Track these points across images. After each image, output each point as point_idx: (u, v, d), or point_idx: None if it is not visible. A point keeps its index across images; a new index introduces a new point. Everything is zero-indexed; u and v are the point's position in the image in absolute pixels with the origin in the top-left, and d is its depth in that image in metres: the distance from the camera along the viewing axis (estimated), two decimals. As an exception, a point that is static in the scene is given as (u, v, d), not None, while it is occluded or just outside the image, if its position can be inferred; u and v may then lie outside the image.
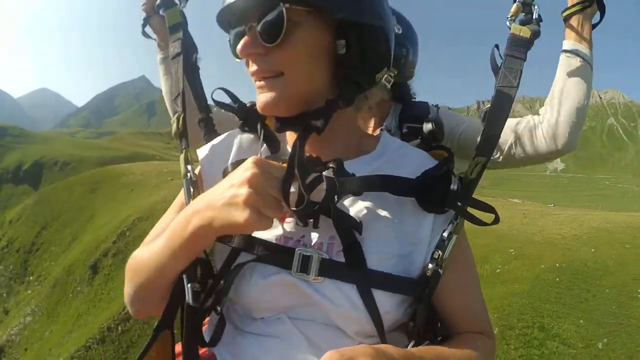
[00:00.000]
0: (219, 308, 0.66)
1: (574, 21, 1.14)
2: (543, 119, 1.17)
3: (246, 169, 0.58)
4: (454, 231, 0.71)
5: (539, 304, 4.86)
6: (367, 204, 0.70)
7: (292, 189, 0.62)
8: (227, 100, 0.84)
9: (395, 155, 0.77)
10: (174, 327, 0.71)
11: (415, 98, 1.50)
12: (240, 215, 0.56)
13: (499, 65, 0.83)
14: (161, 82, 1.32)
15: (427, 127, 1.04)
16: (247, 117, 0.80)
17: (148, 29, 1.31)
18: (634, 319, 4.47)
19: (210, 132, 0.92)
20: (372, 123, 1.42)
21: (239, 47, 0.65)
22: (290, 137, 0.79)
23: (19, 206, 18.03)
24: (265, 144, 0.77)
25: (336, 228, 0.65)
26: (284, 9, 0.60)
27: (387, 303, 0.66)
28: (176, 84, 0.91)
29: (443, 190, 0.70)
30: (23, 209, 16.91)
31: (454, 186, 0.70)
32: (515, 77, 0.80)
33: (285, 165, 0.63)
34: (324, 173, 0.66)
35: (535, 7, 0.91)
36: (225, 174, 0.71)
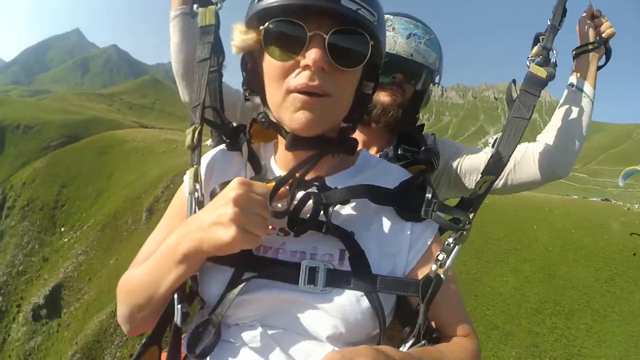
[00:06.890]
0: (215, 321, 0.67)
1: (582, 60, 1.20)
2: (542, 147, 1.19)
3: (232, 189, 0.61)
4: (457, 241, 0.73)
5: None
6: (351, 215, 0.74)
7: (279, 205, 0.66)
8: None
9: (376, 169, 0.82)
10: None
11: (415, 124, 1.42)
12: (227, 233, 0.58)
13: (514, 98, 0.90)
14: (173, 41, 1.18)
15: (425, 155, 1.14)
16: (233, 137, 0.83)
17: None
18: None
19: (221, 142, 0.93)
20: (373, 151, 1.35)
21: (313, 56, 0.63)
22: (281, 158, 0.81)
23: (28, 169, 19.96)
24: (249, 165, 0.77)
25: (341, 239, 0.68)
26: (370, 44, 0.66)
27: (388, 306, 0.70)
28: (197, 92, 0.85)
29: (419, 199, 0.74)
30: (35, 171, 19.05)
31: (428, 194, 0.74)
32: (528, 110, 0.86)
33: (270, 185, 0.66)
34: (309, 190, 0.70)
35: (554, 52, 0.99)
36: (213, 195, 0.70)
